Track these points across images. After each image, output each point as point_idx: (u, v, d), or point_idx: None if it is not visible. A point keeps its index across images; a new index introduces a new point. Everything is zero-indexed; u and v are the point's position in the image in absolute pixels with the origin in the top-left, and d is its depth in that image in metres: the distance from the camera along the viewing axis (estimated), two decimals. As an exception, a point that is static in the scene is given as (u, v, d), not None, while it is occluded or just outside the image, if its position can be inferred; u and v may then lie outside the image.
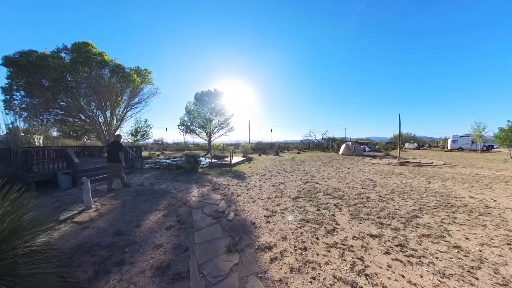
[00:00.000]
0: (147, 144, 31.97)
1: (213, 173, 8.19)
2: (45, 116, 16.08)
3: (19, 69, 13.59)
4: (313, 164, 11.04)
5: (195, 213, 3.74)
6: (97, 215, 3.93)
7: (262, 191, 5.33)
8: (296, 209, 4.06)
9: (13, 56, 13.40)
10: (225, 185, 6.00)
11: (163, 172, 8.72)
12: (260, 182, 6.54)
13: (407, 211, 4.07)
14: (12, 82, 14.18)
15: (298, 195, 5.00)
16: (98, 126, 17.04)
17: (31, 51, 13.86)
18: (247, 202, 4.41)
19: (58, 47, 14.97)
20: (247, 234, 3.03)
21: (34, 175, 6.07)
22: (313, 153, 20.88)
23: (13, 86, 14.27)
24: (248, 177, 7.32)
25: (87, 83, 14.94)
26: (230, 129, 27.72)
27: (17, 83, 14.22)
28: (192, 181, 6.78)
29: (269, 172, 8.35)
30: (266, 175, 7.71)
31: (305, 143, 31.98)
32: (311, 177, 7.29)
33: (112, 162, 5.76)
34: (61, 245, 2.80)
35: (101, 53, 15.72)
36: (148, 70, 18.49)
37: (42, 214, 3.86)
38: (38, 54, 13.96)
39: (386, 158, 14.96)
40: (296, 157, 15.85)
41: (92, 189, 6.07)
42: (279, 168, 9.49)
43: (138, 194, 5.23)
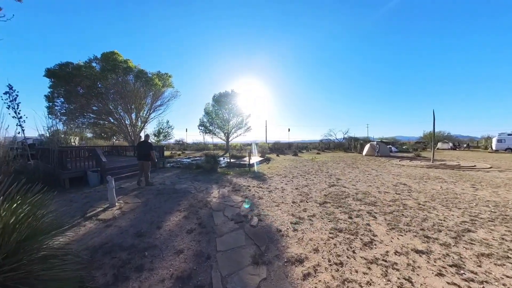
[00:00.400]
0: (169, 144, 33.28)
1: (232, 173, 8.03)
2: (80, 120, 17.64)
3: (59, 79, 15.08)
4: (336, 166, 10.37)
5: (216, 216, 3.54)
6: (120, 213, 3.93)
7: (285, 194, 4.98)
8: (325, 216, 3.66)
9: (54, 68, 14.95)
10: (245, 187, 5.76)
11: (184, 171, 8.79)
12: (282, 184, 6.18)
13: (455, 223, 3.45)
14: (53, 91, 15.84)
15: (325, 200, 4.56)
16: (124, 128, 18.13)
17: (68, 63, 15.34)
18: (270, 206, 4.10)
19: (89, 57, 16.34)
20: (273, 243, 2.73)
21: (68, 172, 6.41)
22: (334, 154, 19.86)
23: (55, 94, 15.93)
24: (268, 179, 7.00)
25: (115, 88, 16.07)
26: (248, 129, 27.69)
27: (57, 91, 15.84)
28: (212, 181, 6.67)
29: (290, 174, 7.95)
30: (287, 177, 7.32)
31: (324, 143, 30.64)
32: (337, 180, 6.75)
33: (141, 160, 6.04)
34: (86, 243, 2.81)
35: (126, 61, 16.70)
36: (169, 74, 19.22)
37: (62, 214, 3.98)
38: (74, 65, 15.39)
39: (417, 160, 13.61)
40: (316, 158, 15.15)
41: (117, 186, 6.25)
42: (300, 170, 9.02)
43: (160, 193, 5.21)
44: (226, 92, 26.03)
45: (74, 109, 16.49)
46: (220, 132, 27.10)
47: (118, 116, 17.74)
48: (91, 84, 15.32)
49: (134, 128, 18.53)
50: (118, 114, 17.71)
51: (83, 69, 15.12)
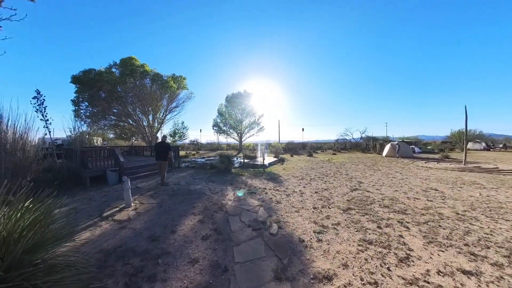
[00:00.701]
0: (184, 144, 34.03)
1: (246, 174, 7.84)
2: (102, 122, 18.68)
3: (83, 84, 16.15)
4: (355, 168, 9.77)
5: (233, 221, 3.33)
6: (135, 214, 3.88)
7: (305, 199, 4.65)
8: (351, 225, 3.30)
9: (78, 75, 16.03)
10: (261, 189, 5.51)
11: (198, 171, 8.76)
12: (300, 187, 5.84)
13: (505, 238, 2.93)
14: (78, 96, 16.94)
15: (348, 206, 4.17)
16: (142, 129, 18.80)
17: (91, 69, 16.37)
18: (289, 212, 3.80)
19: (110, 64, 17.21)
20: (296, 255, 2.45)
21: (89, 171, 6.61)
22: (351, 154, 18.95)
23: (80, 98, 17.01)
24: (284, 181, 6.69)
25: (133, 92, 16.76)
26: (261, 129, 27.47)
27: (82, 96, 16.91)
28: (226, 182, 6.51)
29: (307, 176, 7.56)
30: (305, 179, 6.95)
31: (340, 143, 29.37)
32: (358, 183, 6.27)
33: (159, 159, 6.15)
34: (101, 245, 2.76)
35: (143, 65, 17.34)
36: (183, 76, 19.64)
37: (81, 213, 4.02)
38: (96, 71, 16.38)
39: (446, 162, 12.48)
40: (333, 159, 14.52)
41: (134, 186, 6.31)
42: (318, 171, 8.59)
43: (175, 194, 5.14)
44: (239, 93, 26.05)
45: (97, 112, 17.50)
46: (233, 132, 27.17)
47: (137, 118, 18.48)
48: (112, 88, 16.20)
49: (151, 129, 19.14)
50: (137, 116, 18.45)
51: (104, 75, 16.09)
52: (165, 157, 6.12)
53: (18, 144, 6.14)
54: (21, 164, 5.93)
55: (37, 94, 6.68)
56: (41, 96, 6.72)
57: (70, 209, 4.40)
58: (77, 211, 4.28)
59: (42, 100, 6.73)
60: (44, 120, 6.79)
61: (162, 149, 6.18)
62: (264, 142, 30.21)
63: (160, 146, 6.25)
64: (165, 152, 6.16)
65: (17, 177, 6.19)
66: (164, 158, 6.12)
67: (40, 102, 6.70)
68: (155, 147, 6.57)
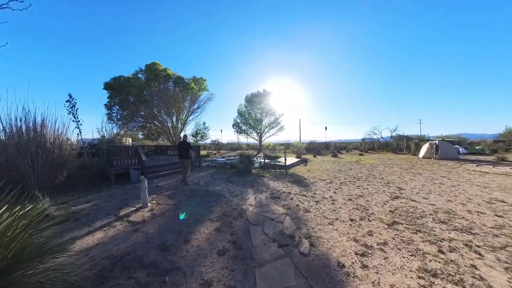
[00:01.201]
0: (206, 144, 34.84)
1: (268, 175, 7.33)
2: (131, 123, 19.96)
3: (114, 90, 17.46)
4: (390, 170, 8.61)
5: (254, 233, 2.85)
6: (150, 216, 3.65)
7: (338, 207, 3.97)
8: (402, 246, 2.59)
9: (109, 82, 17.40)
10: (285, 193, 4.94)
11: (218, 171, 8.52)
12: (330, 192, 5.12)
13: None
14: (110, 100, 18.32)
15: (393, 219, 3.41)
16: (167, 130, 19.59)
17: (120, 76, 17.68)
18: (322, 224, 3.18)
19: (136, 70, 18.39)
20: (337, 286, 1.88)
21: (114, 169, 6.74)
22: (380, 155, 17.22)
23: (111, 103, 18.37)
24: (311, 184, 6.01)
25: (158, 95, 17.57)
26: (281, 129, 26.75)
27: (113, 100, 18.26)
28: (247, 183, 6.08)
29: (336, 179, 6.76)
30: (334, 183, 6.18)
31: (367, 143, 27.07)
32: (399, 190, 5.33)
33: (182, 158, 6.31)
34: (110, 249, 2.56)
35: (165, 69, 18.07)
36: (203, 78, 20.07)
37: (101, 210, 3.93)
38: (124, 77, 17.61)
39: (504, 165, 10.46)
40: (361, 160, 13.24)
41: (154, 184, 6.24)
42: (347, 174, 7.70)
43: (193, 195, 4.87)
44: (258, 92, 25.67)
45: (126, 115, 18.82)
46: (253, 132, 26.90)
47: (161, 119, 19.37)
48: (138, 92, 17.24)
49: (175, 130, 19.81)
50: (161, 117, 19.32)
51: (131, 80, 17.27)
52: (186, 155, 6.26)
53: (56, 143, 6.56)
54: (57, 161, 6.28)
55: (69, 98, 7.08)
56: (72, 100, 7.10)
57: (91, 205, 4.40)
58: (97, 208, 4.25)
59: (74, 103, 7.11)
60: (76, 121, 7.15)
61: (183, 148, 6.32)
62: (285, 142, 29.37)
63: (181, 145, 6.39)
64: (186, 150, 6.28)
65: (54, 172, 6.60)
66: (186, 157, 6.27)
67: (72, 105, 7.08)
68: (177, 147, 6.71)
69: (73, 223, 3.50)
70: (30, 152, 5.41)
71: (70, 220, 3.66)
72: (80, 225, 3.38)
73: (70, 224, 3.47)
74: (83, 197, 5.09)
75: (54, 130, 6.28)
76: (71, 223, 3.50)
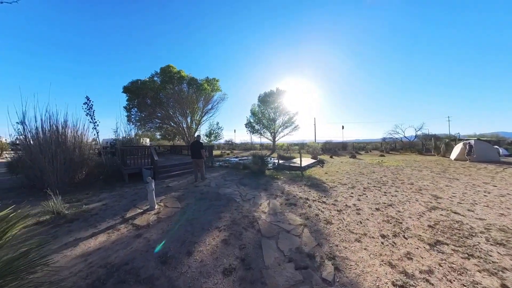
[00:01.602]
0: (220, 144, 35.09)
1: (282, 178, 6.86)
2: (149, 125, 20.65)
3: (132, 93, 18.11)
4: (419, 174, 7.68)
5: (267, 249, 2.44)
6: (155, 220, 3.43)
7: (364, 218, 3.40)
8: (454, 276, 2.02)
9: (127, 85, 18.10)
10: (302, 199, 4.44)
11: (231, 171, 8.23)
12: (353, 199, 4.51)
13: None
14: (129, 103, 19.03)
15: (435, 237, 2.78)
16: (182, 130, 19.93)
17: (137, 80, 18.38)
18: (347, 240, 2.66)
19: (152, 73, 18.90)
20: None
21: (127, 168, 6.73)
22: (404, 156, 15.83)
23: (130, 105, 19.09)
24: (330, 189, 5.43)
25: (173, 97, 17.95)
26: (295, 128, 25.96)
27: (132, 103, 18.95)
28: (260, 186, 5.69)
29: (358, 183, 6.09)
30: (356, 188, 5.53)
31: (388, 143, 25.03)
32: (435, 199, 4.58)
33: (195, 158, 6.36)
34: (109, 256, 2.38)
35: (179, 71, 18.35)
36: (216, 79, 20.19)
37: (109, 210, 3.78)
38: (141, 81, 18.24)
39: (558, 171, 8.89)
40: (383, 161, 12.20)
41: (165, 185, 6.10)
42: (370, 178, 6.96)
43: (202, 198, 4.60)
44: (271, 91, 25.15)
45: (144, 116, 19.49)
46: (266, 132, 26.46)
47: (177, 120, 19.74)
48: (155, 95, 17.75)
49: (189, 130, 20.09)
50: (177, 118, 19.69)
51: (147, 83, 17.85)
52: (199, 155, 6.28)
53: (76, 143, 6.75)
54: (76, 160, 6.43)
55: (87, 100, 7.30)
56: (90, 102, 7.31)
57: (102, 205, 4.35)
58: (107, 207, 4.18)
59: (91, 105, 7.31)
60: (93, 122, 7.34)
61: (196, 148, 6.34)
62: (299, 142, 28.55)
63: (194, 145, 6.41)
64: (198, 150, 6.29)
65: (73, 171, 6.79)
66: (198, 156, 6.30)
67: (89, 106, 7.27)
68: (190, 146, 6.70)
69: (81, 223, 3.43)
70: (50, 151, 5.55)
71: (80, 219, 3.60)
72: (87, 226, 3.29)
73: (79, 224, 3.41)
74: (96, 196, 5.09)
75: (75, 131, 6.47)
76: (80, 223, 3.44)
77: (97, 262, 2.27)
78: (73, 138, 6.43)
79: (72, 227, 3.26)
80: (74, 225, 3.36)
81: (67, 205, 4.20)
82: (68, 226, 3.30)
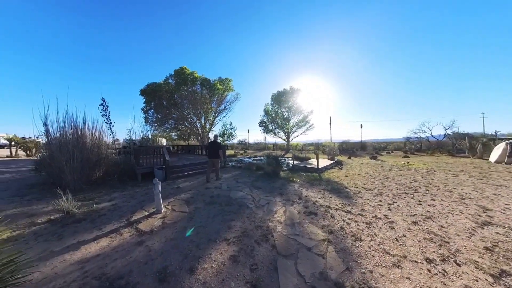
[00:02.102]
0: (233, 144, 35.14)
1: (298, 180, 6.38)
2: (165, 125, 21.18)
3: (148, 95, 18.74)
4: (456, 180, 6.71)
5: (284, 273, 2.01)
6: (160, 225, 3.20)
7: (400, 234, 2.82)
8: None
9: (144, 88, 18.77)
10: (324, 207, 3.92)
11: (243, 173, 7.91)
12: (383, 209, 3.86)
13: None
14: (146, 105, 19.68)
15: (498, 264, 2.16)
16: (196, 130, 20.14)
17: (153, 82, 18.99)
18: (384, 265, 2.13)
19: (166, 76, 19.38)
20: None
21: (140, 167, 6.70)
22: (433, 158, 14.35)
23: (147, 107, 19.73)
24: (354, 195, 4.83)
25: (187, 98, 18.24)
26: (310, 128, 25.07)
27: (149, 105, 19.56)
28: (274, 190, 5.27)
29: (386, 189, 5.38)
30: (385, 194, 4.86)
31: (413, 143, 22.79)
32: (483, 211, 3.81)
33: (212, 158, 6.38)
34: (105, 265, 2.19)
35: (192, 73, 18.58)
36: (229, 79, 20.15)
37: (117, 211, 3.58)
38: (157, 83, 18.81)
39: None
40: (410, 164, 11.11)
41: (176, 185, 5.92)
42: (398, 183, 6.18)
43: (212, 202, 4.30)
44: (285, 90, 24.50)
45: (161, 118, 20.01)
46: (280, 132, 25.87)
47: (191, 120, 20.00)
48: (169, 96, 18.16)
49: (203, 130, 20.25)
50: (191, 119, 19.93)
51: (163, 86, 18.36)
52: (216, 155, 6.31)
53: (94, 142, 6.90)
54: (93, 158, 6.55)
55: (102, 102, 7.41)
56: (105, 103, 7.43)
57: (111, 205, 4.27)
58: (115, 208, 4.07)
59: (106, 106, 7.42)
60: (108, 123, 7.44)
61: (214, 148, 6.34)
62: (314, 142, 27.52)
63: (212, 145, 6.40)
64: (216, 150, 6.31)
65: (91, 169, 6.93)
66: (215, 156, 6.32)
67: (104, 107, 7.39)
68: (208, 146, 6.61)
69: (88, 224, 3.34)
70: (67, 150, 5.67)
71: (87, 220, 3.52)
72: (92, 228, 3.18)
73: (85, 224, 3.32)
74: (108, 195, 5.07)
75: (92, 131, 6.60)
76: (87, 224, 3.35)
77: (93, 272, 2.07)
78: (90, 138, 6.56)
79: (78, 228, 3.17)
80: (81, 225, 3.27)
81: (80, 203, 4.19)
82: (75, 227, 3.22)
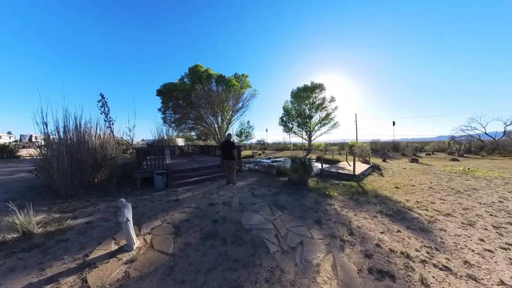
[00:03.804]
0: (251, 144, 33.80)
1: (336, 195, 4.62)
2: (183, 125, 20.57)
3: (164, 96, 18.23)
4: None
5: None
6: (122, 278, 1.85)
7: None
8: None
9: (160, 89, 18.29)
10: (397, 256, 2.19)
11: (262, 180, 6.36)
12: (499, 260, 2.04)
13: None
14: (163, 105, 19.20)
15: None
16: (213, 130, 19.07)
17: (169, 82, 18.46)
18: None
19: (182, 75, 18.68)
20: None
21: (138, 172, 5.56)
22: (493, 161, 11.19)
23: (164, 108, 19.27)
24: (431, 226, 2.95)
25: (204, 97, 17.27)
26: (334, 126, 22.59)
27: (166, 105, 19.05)
28: (307, 213, 3.54)
29: (471, 213, 3.40)
30: (479, 224, 2.96)
31: (462, 142, 17.94)
32: None
33: (226, 159, 5.59)
34: None
35: (207, 70, 17.65)
36: (245, 74, 18.82)
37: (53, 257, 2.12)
38: (172, 83, 18.23)
39: None
40: (469, 169, 8.52)
41: (175, 197, 4.43)
42: (478, 201, 3.99)
43: (212, 234, 2.75)
44: (305, 86, 22.35)
45: (178, 118, 19.47)
46: (301, 131, 23.82)
47: (209, 120, 19.08)
48: (186, 96, 17.45)
49: (220, 130, 19.15)
50: (208, 118, 18.99)
51: (178, 85, 17.75)
52: (231, 156, 5.50)
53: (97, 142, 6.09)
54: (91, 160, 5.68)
55: (101, 98, 6.49)
56: (103, 99, 6.52)
57: (85, 223, 3.17)
58: (86, 228, 2.96)
59: (104, 102, 6.51)
60: (107, 121, 6.51)
61: (227, 148, 5.52)
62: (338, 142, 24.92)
63: (226, 145, 5.57)
64: (230, 151, 5.50)
65: (96, 171, 6.08)
66: (230, 157, 5.52)
67: (102, 104, 6.49)
68: (221, 146, 5.79)
69: (37, 255, 2.22)
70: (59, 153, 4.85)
71: (41, 248, 2.37)
72: (33, 265, 2.05)
73: (34, 256, 2.20)
74: (94, 205, 3.98)
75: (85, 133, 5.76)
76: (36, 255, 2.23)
77: None
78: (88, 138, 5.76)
79: (17, 264, 2.04)
80: (26, 257, 2.16)
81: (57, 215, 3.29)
82: (18, 259, 2.12)
